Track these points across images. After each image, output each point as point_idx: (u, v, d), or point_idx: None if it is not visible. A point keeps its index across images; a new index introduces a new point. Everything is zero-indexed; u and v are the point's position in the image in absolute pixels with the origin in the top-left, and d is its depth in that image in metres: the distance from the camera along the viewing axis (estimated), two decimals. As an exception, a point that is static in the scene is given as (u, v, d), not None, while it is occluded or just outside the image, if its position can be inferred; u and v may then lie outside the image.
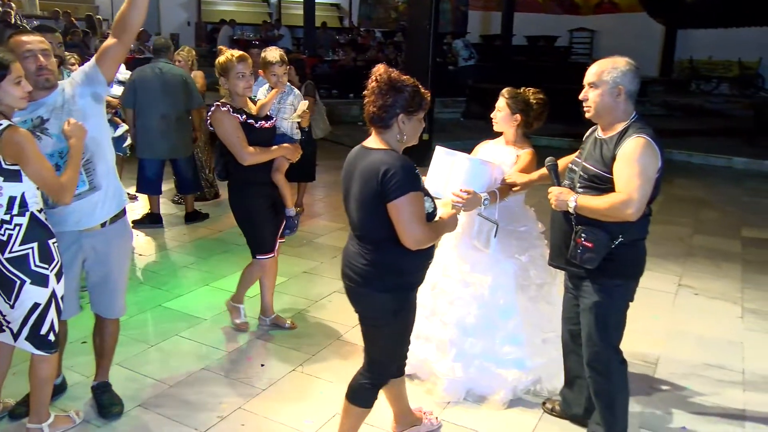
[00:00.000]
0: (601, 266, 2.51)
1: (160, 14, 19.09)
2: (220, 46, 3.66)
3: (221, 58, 3.50)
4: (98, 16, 14.34)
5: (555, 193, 2.63)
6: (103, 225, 2.76)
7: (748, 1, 15.52)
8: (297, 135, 3.99)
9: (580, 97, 2.61)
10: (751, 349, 3.85)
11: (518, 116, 3.28)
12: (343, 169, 2.48)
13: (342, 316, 4.14)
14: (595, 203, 2.48)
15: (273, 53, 3.83)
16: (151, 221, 6.01)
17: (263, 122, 3.59)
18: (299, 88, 4.98)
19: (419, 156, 8.74)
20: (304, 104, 3.85)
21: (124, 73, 6.13)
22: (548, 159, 2.78)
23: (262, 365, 3.52)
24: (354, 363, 3.50)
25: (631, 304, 2.66)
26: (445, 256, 3.31)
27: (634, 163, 2.41)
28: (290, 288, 4.62)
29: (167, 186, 7.00)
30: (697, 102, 15.80)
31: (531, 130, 3.36)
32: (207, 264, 5.07)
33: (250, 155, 3.45)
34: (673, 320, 4.25)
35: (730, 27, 16.50)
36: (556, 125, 6.97)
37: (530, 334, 3.28)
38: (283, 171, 3.75)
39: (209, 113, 3.46)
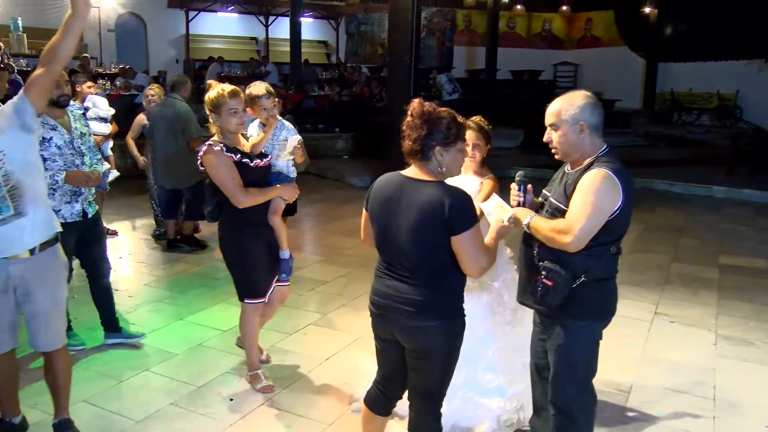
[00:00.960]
0: (564, 306, 2.45)
1: (149, 51, 19.36)
2: (209, 81, 3.51)
3: (211, 94, 3.25)
4: (86, 54, 14.49)
5: (517, 212, 2.55)
6: (32, 252, 2.72)
7: (723, 36, 15.94)
8: (294, 173, 3.79)
9: (545, 139, 2.57)
10: (723, 375, 3.85)
11: (489, 147, 3.33)
12: (375, 202, 2.43)
13: (315, 349, 4.12)
14: (541, 225, 2.43)
15: (258, 87, 3.65)
16: (184, 242, 6.43)
17: (258, 161, 3.37)
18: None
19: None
20: (294, 140, 3.57)
21: (106, 110, 6.20)
22: (519, 174, 2.68)
23: (231, 399, 3.48)
24: (325, 398, 3.51)
25: (606, 332, 2.61)
26: None
27: (589, 194, 2.36)
28: (265, 321, 4.60)
29: (149, 221, 7.04)
30: (679, 132, 16.04)
31: None
32: (183, 298, 5.04)
33: (247, 197, 3.23)
34: (647, 348, 4.25)
35: (708, 61, 16.89)
36: (540, 156, 7.04)
37: (509, 358, 3.27)
38: (279, 212, 3.55)
39: (200, 153, 3.23)
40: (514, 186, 2.66)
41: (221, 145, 3.20)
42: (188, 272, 5.71)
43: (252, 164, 3.31)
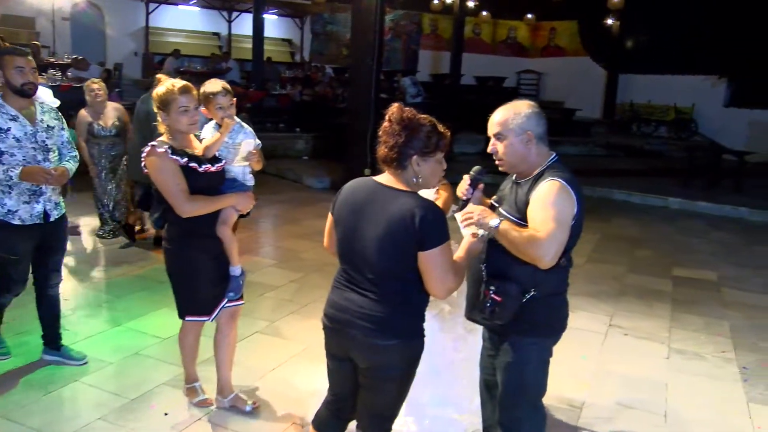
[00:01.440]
0: (513, 323, 2.34)
1: (107, 43, 18.78)
2: (159, 75, 3.17)
3: (160, 89, 2.94)
4: (35, 42, 13.93)
5: (477, 211, 2.30)
6: None
7: (681, 51, 16.31)
8: (251, 180, 3.31)
9: (489, 150, 2.43)
10: (675, 390, 3.81)
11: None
12: (343, 205, 2.29)
13: (260, 360, 3.93)
14: (516, 234, 2.22)
15: (214, 84, 3.22)
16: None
17: (209, 165, 3.01)
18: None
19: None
20: (248, 144, 3.14)
21: (50, 102, 5.86)
22: (475, 168, 2.45)
23: (166, 414, 3.27)
24: (267, 413, 3.30)
25: (560, 344, 2.49)
26: None
27: (548, 206, 2.23)
28: (209, 326, 4.37)
29: (95, 220, 6.72)
30: (638, 143, 16.30)
31: None
32: (123, 302, 4.79)
33: (191, 206, 2.90)
34: (601, 361, 4.19)
35: (666, 74, 17.25)
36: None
37: (472, 370, 3.13)
38: (230, 223, 3.15)
39: (143, 155, 2.93)
40: (466, 178, 2.48)
41: (167, 146, 2.91)
42: (130, 274, 5.44)
43: (201, 169, 2.97)
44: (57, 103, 5.95)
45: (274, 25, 20.73)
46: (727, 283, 6.02)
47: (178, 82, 2.98)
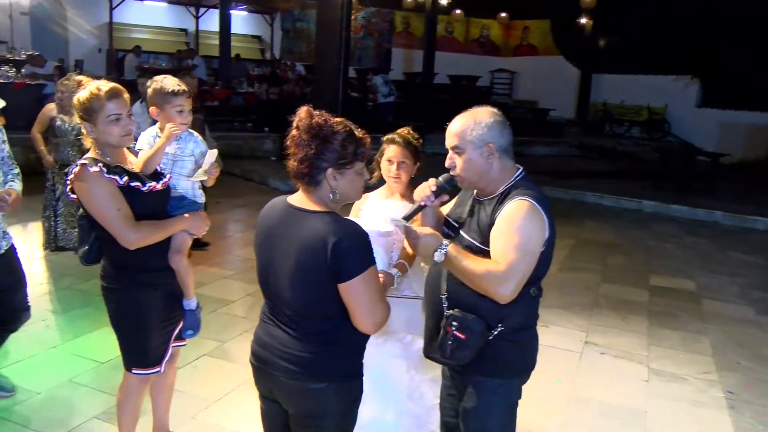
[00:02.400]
0: (476, 362, 2.03)
1: (69, 39, 18.12)
2: (77, 77, 2.60)
3: (82, 95, 2.39)
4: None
5: (423, 233, 1.99)
6: None
7: (653, 51, 16.27)
8: (201, 197, 2.84)
9: (446, 164, 2.11)
10: (655, 418, 3.55)
11: (418, 164, 2.83)
12: (259, 232, 1.99)
13: (206, 387, 3.58)
14: (470, 263, 1.94)
15: (171, 80, 2.74)
16: None
17: (153, 183, 2.49)
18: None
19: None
20: (212, 154, 2.71)
21: None
22: (445, 176, 2.13)
23: (92, 457, 2.91)
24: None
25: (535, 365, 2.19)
26: None
27: (513, 232, 1.93)
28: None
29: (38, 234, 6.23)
30: (611, 144, 16.21)
31: None
32: (62, 320, 4.39)
33: (139, 235, 2.38)
34: (576, 385, 3.91)
35: (639, 74, 17.21)
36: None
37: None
38: (185, 251, 2.65)
39: (69, 176, 2.38)
40: (431, 181, 2.15)
41: (100, 164, 2.34)
42: (73, 288, 5.02)
43: (145, 188, 2.45)
44: (2, 104, 5.43)
45: (243, 21, 20.24)
46: (704, 293, 5.82)
47: (105, 85, 2.42)
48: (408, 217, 2.12)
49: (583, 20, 17.92)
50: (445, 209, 2.31)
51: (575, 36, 18.62)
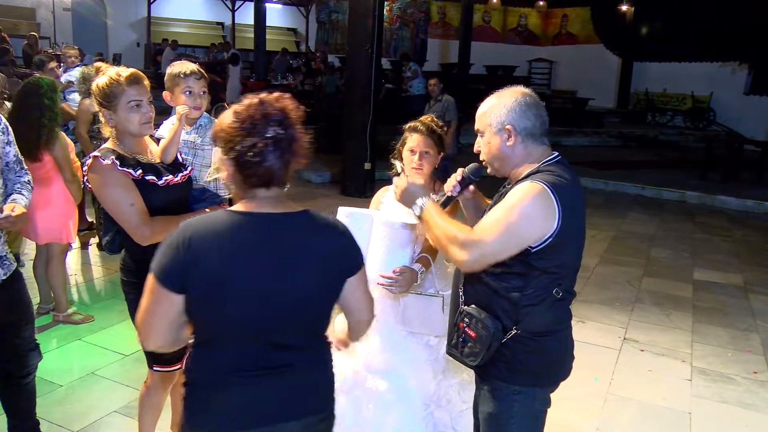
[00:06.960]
0: (493, 363, 1.86)
1: (108, 33, 18.46)
2: (97, 64, 2.49)
3: (101, 81, 2.27)
4: (34, 33, 13.63)
5: (412, 182, 1.99)
6: None
7: (698, 37, 15.64)
8: (224, 190, 2.71)
9: (475, 149, 1.96)
10: (699, 421, 3.32)
11: (442, 154, 2.67)
12: (219, 258, 1.53)
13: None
14: (442, 222, 1.82)
15: (183, 64, 2.69)
16: None
17: (170, 176, 2.39)
18: (209, 112, 4.22)
19: (362, 187, 8.28)
20: (217, 152, 2.64)
21: None
22: (474, 165, 2.01)
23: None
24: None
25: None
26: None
27: (510, 209, 1.73)
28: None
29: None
30: (653, 134, 15.69)
31: None
32: (88, 311, 4.37)
33: (153, 231, 2.25)
34: (614, 384, 3.70)
35: (683, 61, 16.59)
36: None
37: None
38: None
39: (85, 168, 2.28)
40: (459, 172, 2.03)
41: (113, 156, 2.24)
42: (103, 278, 5.03)
43: (161, 182, 2.33)
44: None
45: (278, 13, 20.33)
46: (753, 288, 5.50)
47: (125, 70, 2.30)
48: (440, 200, 2.01)
49: (624, 7, 17.37)
50: None
51: (616, 23, 18.08)
